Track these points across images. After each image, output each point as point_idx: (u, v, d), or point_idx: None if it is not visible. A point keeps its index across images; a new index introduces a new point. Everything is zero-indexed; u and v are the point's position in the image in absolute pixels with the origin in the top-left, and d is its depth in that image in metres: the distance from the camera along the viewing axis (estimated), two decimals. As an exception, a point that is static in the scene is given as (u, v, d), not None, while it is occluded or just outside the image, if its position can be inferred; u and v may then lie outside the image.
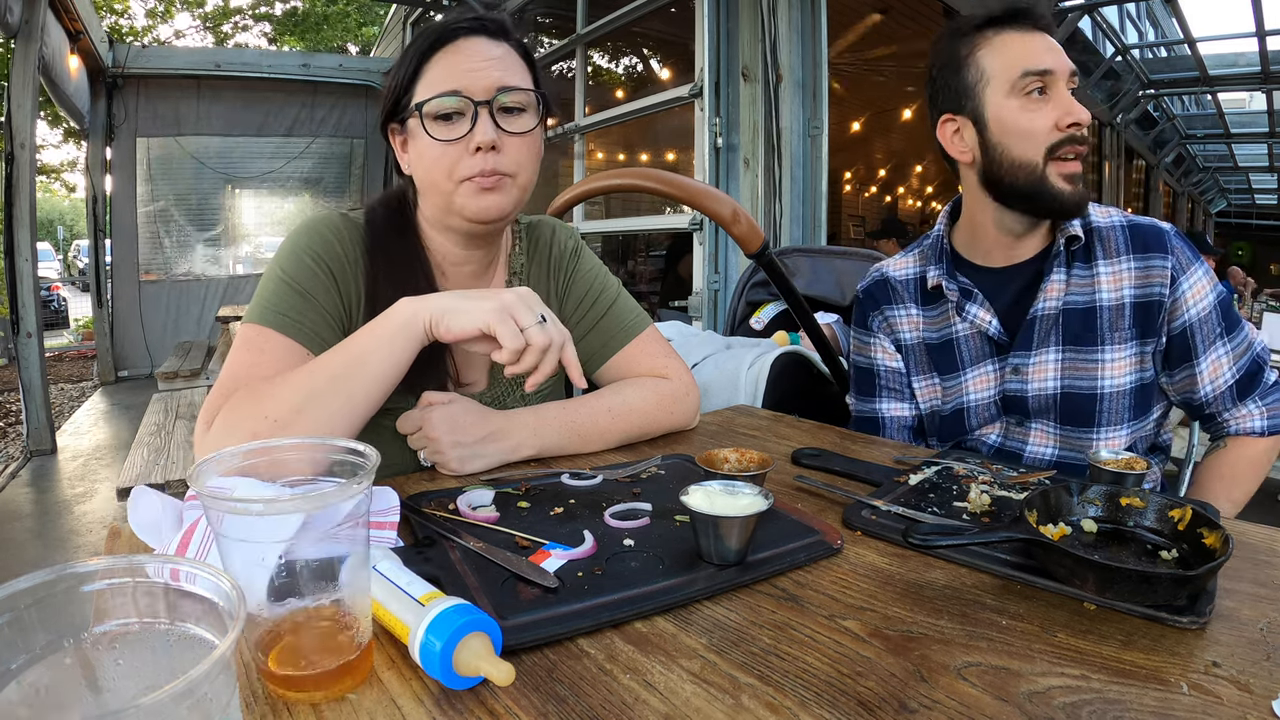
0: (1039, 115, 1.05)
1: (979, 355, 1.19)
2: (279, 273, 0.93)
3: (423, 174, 0.95)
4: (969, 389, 1.20)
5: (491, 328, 0.78)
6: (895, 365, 1.27)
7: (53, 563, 0.37)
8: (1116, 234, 1.11)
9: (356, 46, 13.13)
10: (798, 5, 3.33)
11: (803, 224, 3.42)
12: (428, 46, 0.93)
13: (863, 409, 1.32)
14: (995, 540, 0.63)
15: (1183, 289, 1.08)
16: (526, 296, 0.82)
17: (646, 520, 0.74)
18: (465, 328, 0.79)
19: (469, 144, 0.91)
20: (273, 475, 0.54)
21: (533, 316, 0.80)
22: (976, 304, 1.16)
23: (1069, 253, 1.12)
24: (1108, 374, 1.10)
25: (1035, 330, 1.13)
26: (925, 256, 1.24)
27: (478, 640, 0.48)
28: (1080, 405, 1.12)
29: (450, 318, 0.80)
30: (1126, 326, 1.10)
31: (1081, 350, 1.11)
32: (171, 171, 7.20)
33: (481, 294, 0.82)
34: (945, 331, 1.21)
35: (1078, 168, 1.07)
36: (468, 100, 0.91)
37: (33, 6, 4.30)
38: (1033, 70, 1.04)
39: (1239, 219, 17.58)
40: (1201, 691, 0.48)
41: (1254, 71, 6.71)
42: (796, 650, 0.53)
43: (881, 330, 1.28)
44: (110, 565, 0.37)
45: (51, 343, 8.25)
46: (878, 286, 1.28)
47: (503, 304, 0.79)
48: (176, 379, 4.77)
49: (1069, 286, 1.12)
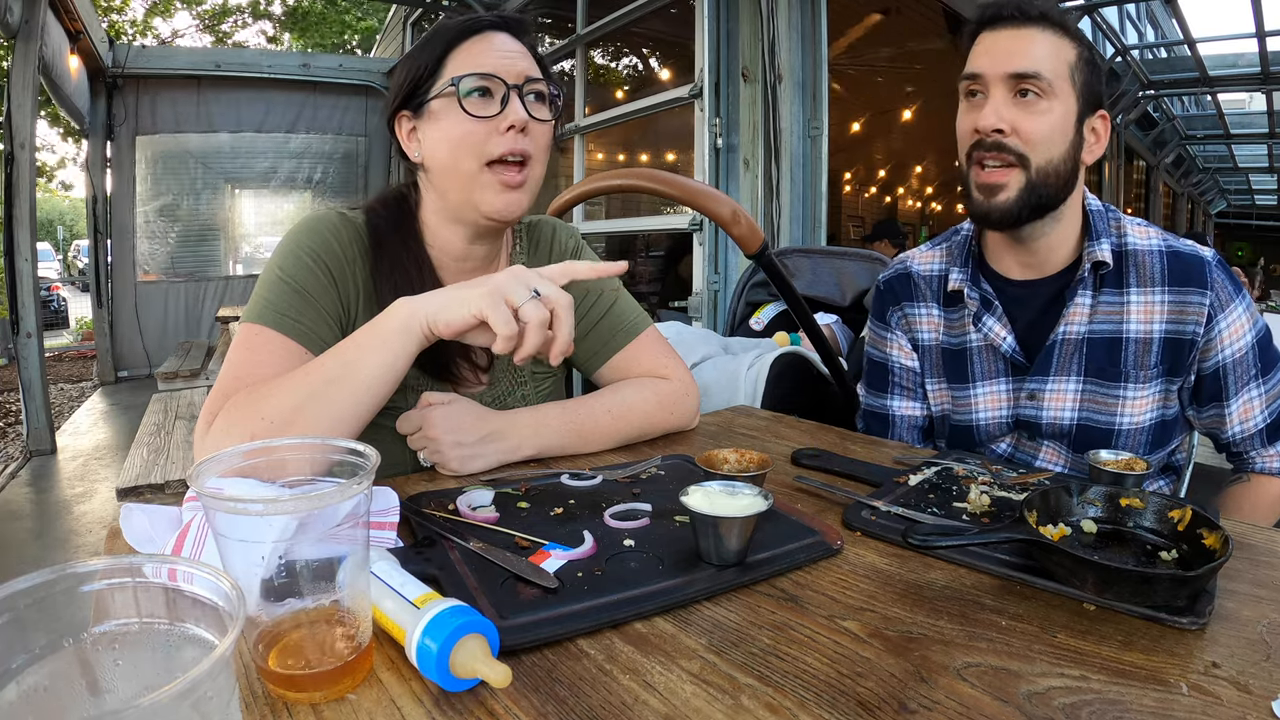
0: (965, 119, 1.03)
1: (992, 371, 1.14)
2: (278, 271, 0.93)
3: (446, 155, 0.94)
4: (979, 405, 1.15)
5: (484, 314, 0.75)
6: (910, 364, 1.23)
7: (53, 563, 0.37)
8: (1153, 260, 1.03)
9: (357, 39, 13.11)
10: (798, 5, 3.33)
11: (802, 224, 3.42)
12: (454, 36, 0.95)
13: (873, 403, 1.29)
14: (995, 541, 0.63)
15: (1219, 328, 1.02)
16: (519, 273, 0.79)
17: (646, 521, 0.74)
18: (459, 319, 0.76)
19: (500, 123, 0.92)
20: (272, 475, 0.54)
21: (525, 292, 0.76)
22: (994, 317, 1.11)
23: (1098, 276, 1.05)
24: (1128, 410, 1.06)
25: (1056, 355, 1.08)
26: (951, 255, 1.18)
27: (474, 642, 0.48)
28: (1096, 437, 1.08)
29: (444, 313, 0.77)
30: (1154, 364, 1.04)
31: (1103, 384, 1.06)
32: (171, 171, 7.20)
33: (474, 282, 0.79)
34: (961, 339, 1.16)
35: (992, 178, 1.00)
36: (501, 82, 0.93)
37: (33, 6, 4.30)
38: (967, 74, 1.02)
39: (1239, 219, 17.59)
40: (1201, 692, 0.48)
41: (1254, 72, 6.71)
42: (796, 651, 0.53)
43: (899, 327, 1.23)
44: (110, 565, 0.37)
45: (51, 343, 8.25)
46: (900, 280, 1.22)
47: (493, 287, 0.76)
48: (176, 379, 4.76)
49: (1095, 312, 1.05)
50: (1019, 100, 0.98)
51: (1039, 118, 0.98)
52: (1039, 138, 0.98)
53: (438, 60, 0.95)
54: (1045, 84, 0.97)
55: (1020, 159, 0.99)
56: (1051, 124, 0.98)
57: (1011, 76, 0.98)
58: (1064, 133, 0.99)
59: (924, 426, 1.26)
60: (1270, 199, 15.55)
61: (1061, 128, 0.99)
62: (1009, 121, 0.98)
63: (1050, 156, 0.99)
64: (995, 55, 0.99)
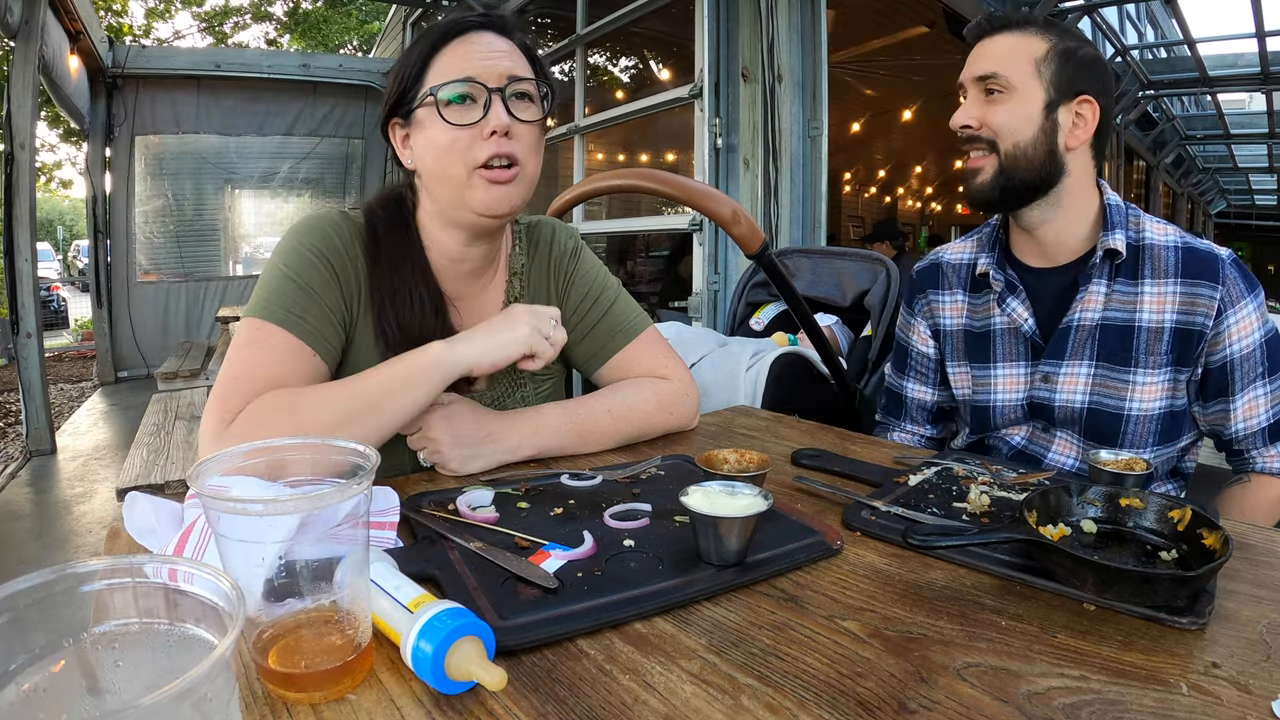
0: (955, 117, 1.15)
1: (1012, 353, 1.19)
2: (282, 268, 0.93)
3: (433, 163, 0.95)
4: (997, 386, 1.21)
5: (533, 349, 0.91)
6: (926, 351, 1.32)
7: (53, 563, 0.37)
8: (1168, 255, 1.09)
9: (359, 40, 13.10)
10: (798, 5, 3.33)
11: (802, 225, 3.42)
12: (438, 39, 0.94)
13: (892, 381, 1.39)
14: (995, 541, 0.63)
15: (1228, 322, 1.06)
16: (540, 311, 0.94)
17: (646, 521, 0.74)
18: (506, 359, 0.90)
19: (483, 129, 0.92)
20: (273, 475, 0.54)
21: (551, 324, 0.93)
22: (1018, 299, 1.17)
23: (1113, 265, 1.10)
24: (1137, 396, 1.09)
25: (1070, 340, 1.13)
26: (981, 244, 1.25)
27: (470, 644, 0.48)
28: (1106, 423, 1.11)
29: (489, 356, 0.90)
30: (1163, 352, 1.08)
31: (1114, 369, 1.11)
32: (171, 172, 7.19)
33: (506, 323, 0.92)
34: (986, 322, 1.22)
35: (973, 164, 1.13)
36: (482, 86, 0.92)
37: (33, 6, 4.30)
38: (961, 82, 1.15)
39: (1239, 219, 17.59)
40: (1201, 692, 0.48)
41: (1254, 72, 6.71)
42: (796, 651, 0.53)
43: (922, 314, 1.31)
44: (110, 565, 0.37)
45: (51, 343, 8.24)
46: (929, 270, 1.31)
47: (532, 327, 0.91)
48: (176, 379, 4.76)
49: (1109, 300, 1.11)
50: (987, 98, 1.11)
51: (1001, 109, 1.09)
52: (1002, 125, 1.09)
53: (421, 66, 0.94)
54: (1003, 80, 1.09)
55: (991, 145, 1.11)
56: (1014, 112, 1.08)
57: (977, 79, 1.11)
58: (1029, 119, 1.08)
59: (932, 411, 1.35)
60: (1270, 199, 15.55)
61: (1025, 115, 1.08)
62: (976, 117, 1.11)
63: (1017, 140, 1.09)
64: (970, 64, 1.13)
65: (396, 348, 0.94)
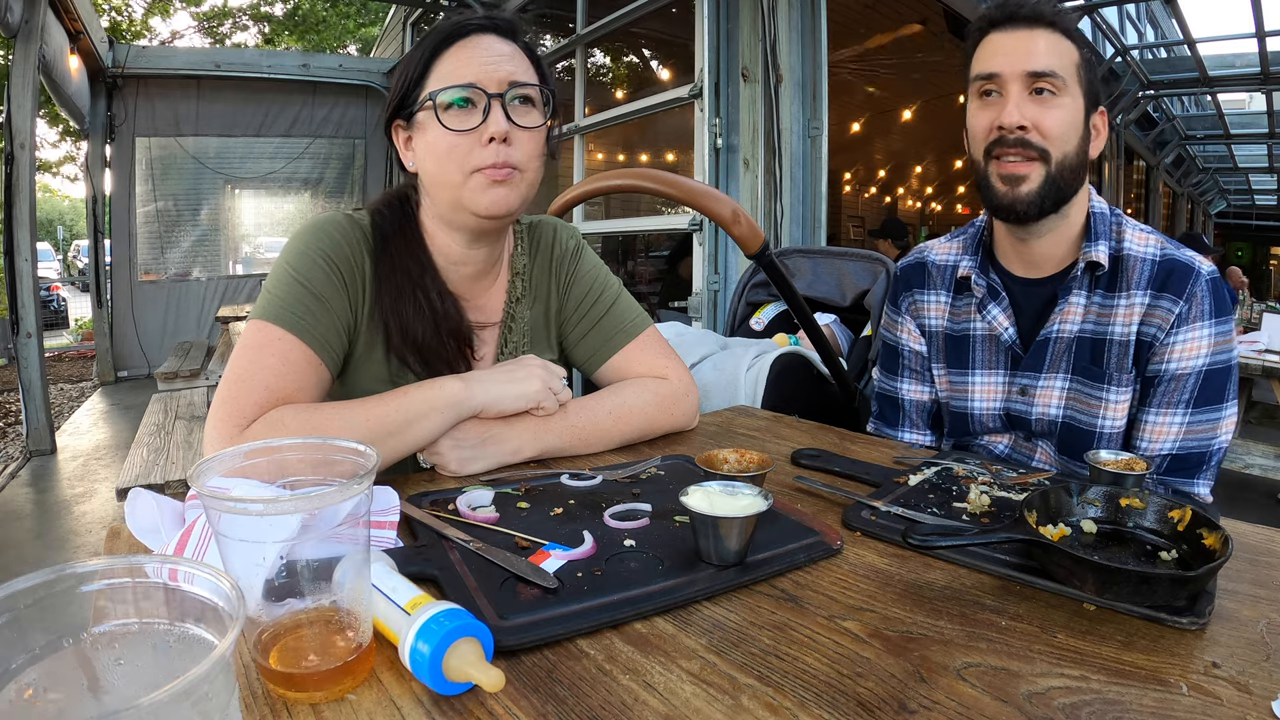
0: (981, 116, 1.06)
1: (991, 361, 1.16)
2: (291, 272, 0.92)
3: (432, 166, 0.95)
4: (974, 394, 1.18)
5: (541, 403, 0.96)
6: (918, 348, 1.27)
7: (53, 563, 0.37)
8: (1144, 267, 1.05)
9: (356, 45, 13.10)
10: (798, 5, 3.33)
11: (802, 224, 3.42)
12: (439, 42, 0.94)
13: (885, 385, 1.33)
14: (995, 541, 0.63)
15: (1177, 338, 1.02)
16: (552, 369, 0.98)
17: (646, 521, 0.74)
18: (516, 409, 0.95)
19: (482, 135, 0.91)
20: (273, 475, 0.54)
21: (561, 383, 0.98)
22: (999, 307, 1.14)
23: (1094, 277, 1.07)
24: (1109, 413, 1.07)
25: (1049, 352, 1.10)
26: (965, 245, 1.21)
27: (468, 646, 0.48)
28: (1079, 439, 1.09)
29: (501, 404, 0.94)
30: (1129, 367, 1.05)
31: (1087, 384, 1.08)
32: (171, 171, 7.19)
33: (522, 372, 0.96)
34: (965, 326, 1.19)
35: (1015, 169, 1.03)
36: (481, 92, 0.91)
37: (33, 6, 4.30)
38: (981, 74, 1.05)
39: (1238, 219, 17.58)
40: (1201, 692, 0.48)
41: (1254, 72, 6.71)
42: (796, 651, 0.53)
43: (909, 313, 1.27)
44: (110, 565, 0.37)
45: (51, 343, 8.25)
46: (914, 268, 1.27)
47: (544, 383, 0.96)
48: (176, 379, 4.76)
49: (1087, 313, 1.07)
50: (1035, 98, 1.02)
51: (1056, 113, 1.02)
52: (1058, 133, 1.02)
53: (423, 69, 0.94)
54: (1060, 82, 1.01)
55: (1042, 154, 1.02)
56: (1066, 120, 1.02)
57: (1029, 75, 1.01)
58: (1076, 128, 1.03)
59: (932, 410, 1.29)
60: (1270, 199, 15.53)
61: (1074, 123, 1.03)
62: (1030, 118, 1.01)
63: (1066, 151, 1.03)
64: (1012, 55, 1.02)
65: (403, 352, 0.95)
